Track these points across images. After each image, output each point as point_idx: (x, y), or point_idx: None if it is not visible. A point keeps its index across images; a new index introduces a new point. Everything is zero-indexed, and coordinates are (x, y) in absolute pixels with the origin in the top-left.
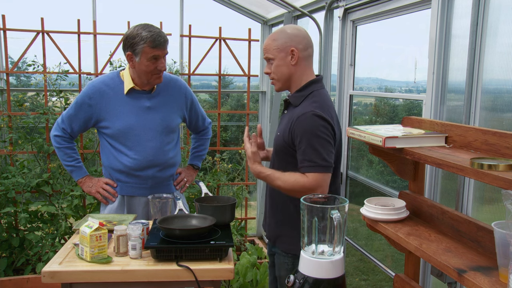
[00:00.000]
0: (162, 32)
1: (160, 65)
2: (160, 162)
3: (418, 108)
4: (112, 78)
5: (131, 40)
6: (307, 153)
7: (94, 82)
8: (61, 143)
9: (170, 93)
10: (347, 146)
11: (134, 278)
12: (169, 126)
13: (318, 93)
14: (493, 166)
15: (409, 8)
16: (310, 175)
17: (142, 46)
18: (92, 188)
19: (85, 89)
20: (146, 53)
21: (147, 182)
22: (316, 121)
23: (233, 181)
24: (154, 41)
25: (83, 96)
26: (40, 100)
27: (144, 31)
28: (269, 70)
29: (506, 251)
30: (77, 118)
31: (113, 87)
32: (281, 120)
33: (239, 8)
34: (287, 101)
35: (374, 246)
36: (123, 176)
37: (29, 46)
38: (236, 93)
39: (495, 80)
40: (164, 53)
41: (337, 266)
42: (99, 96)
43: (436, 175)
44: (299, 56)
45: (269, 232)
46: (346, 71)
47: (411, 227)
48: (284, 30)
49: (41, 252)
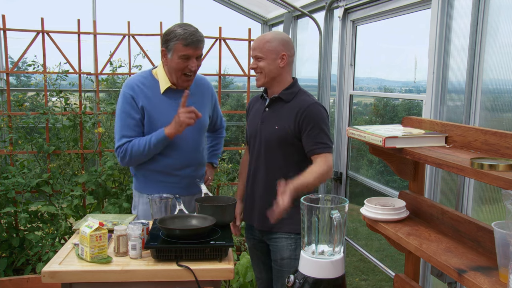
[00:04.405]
0: (198, 32)
1: (192, 64)
2: (197, 162)
3: (418, 108)
4: (145, 77)
5: (166, 36)
6: (320, 137)
7: (128, 82)
8: (127, 147)
9: (201, 92)
10: (347, 146)
11: (134, 278)
12: (204, 125)
13: (305, 91)
14: (493, 166)
15: (409, 8)
16: (324, 155)
17: (174, 43)
18: (176, 124)
19: (123, 90)
20: (177, 51)
21: (183, 181)
22: (322, 110)
23: (233, 181)
24: (186, 39)
25: (124, 95)
26: (40, 100)
27: (180, 28)
28: (256, 66)
29: (506, 251)
30: (131, 117)
31: (149, 86)
32: (269, 115)
33: (239, 8)
34: (274, 99)
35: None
36: (161, 176)
37: (29, 46)
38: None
39: (495, 80)
40: (196, 54)
41: (337, 266)
42: (139, 91)
43: (436, 175)
44: (287, 61)
45: (265, 220)
46: (346, 71)
47: (411, 227)
48: (278, 35)
49: (41, 252)
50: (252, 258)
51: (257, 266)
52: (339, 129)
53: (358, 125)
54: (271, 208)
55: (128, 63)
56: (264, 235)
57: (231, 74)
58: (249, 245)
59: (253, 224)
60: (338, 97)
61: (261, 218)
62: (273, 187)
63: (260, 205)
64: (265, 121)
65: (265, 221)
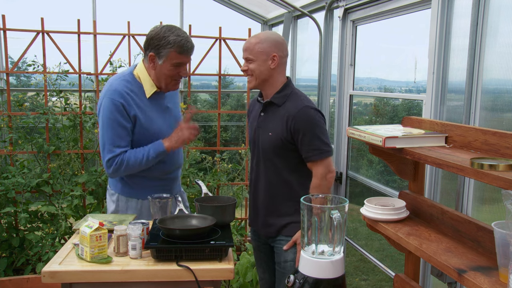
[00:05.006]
0: (189, 37)
1: (183, 71)
2: (181, 163)
3: (418, 108)
4: (130, 82)
5: (157, 41)
6: (314, 143)
7: (117, 88)
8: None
9: (175, 92)
10: (347, 146)
11: (134, 278)
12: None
13: (298, 91)
14: (493, 166)
15: (409, 8)
16: (320, 162)
17: (168, 50)
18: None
19: (110, 97)
20: (171, 58)
21: (170, 184)
22: (312, 113)
23: (233, 181)
24: (182, 47)
25: (113, 102)
26: (40, 100)
27: (172, 34)
28: (247, 68)
29: (506, 251)
30: (122, 127)
31: (137, 93)
32: (264, 121)
33: (239, 8)
34: (267, 103)
35: (374, 246)
36: (153, 181)
37: (29, 46)
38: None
39: (495, 80)
40: (189, 60)
41: (337, 266)
42: (129, 99)
43: (436, 175)
44: (279, 62)
45: (269, 227)
46: (346, 71)
47: (411, 227)
48: (269, 35)
49: (41, 252)
50: (256, 258)
51: (260, 267)
52: (339, 129)
53: (358, 125)
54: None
55: (128, 63)
56: (268, 238)
57: (231, 74)
58: (254, 245)
59: (258, 231)
60: (338, 97)
61: (264, 226)
62: (274, 195)
63: (262, 213)
64: (261, 127)
65: (268, 229)
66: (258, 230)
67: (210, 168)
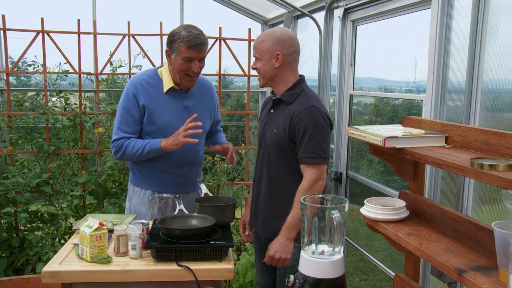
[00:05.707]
0: (202, 34)
1: (194, 66)
2: (194, 161)
3: (418, 108)
4: (150, 76)
5: (171, 37)
6: (310, 145)
7: (133, 80)
8: (122, 143)
9: (204, 93)
10: (347, 146)
11: (134, 278)
12: (204, 126)
13: (309, 90)
14: (493, 166)
15: (409, 8)
16: (312, 166)
17: (178, 44)
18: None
19: (127, 87)
20: (181, 52)
21: (178, 179)
22: (318, 114)
23: (233, 181)
24: (189, 42)
25: (127, 92)
26: (40, 100)
27: (184, 30)
28: (255, 66)
29: (506, 251)
30: (131, 115)
31: (153, 85)
32: (272, 118)
33: (239, 8)
34: (277, 100)
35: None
36: (157, 173)
37: (29, 46)
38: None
39: (495, 80)
40: (199, 56)
41: (337, 266)
42: (142, 90)
43: (436, 175)
44: (283, 60)
45: (268, 228)
46: (346, 71)
47: (411, 227)
48: (274, 33)
49: (41, 252)
50: (256, 261)
51: (260, 271)
52: (339, 129)
53: (358, 125)
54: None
55: (128, 63)
56: (268, 240)
57: (231, 74)
58: (255, 248)
59: (257, 231)
60: (338, 97)
61: (264, 226)
62: (275, 195)
63: (263, 212)
64: (268, 124)
65: (267, 229)
66: (257, 230)
67: (210, 168)
